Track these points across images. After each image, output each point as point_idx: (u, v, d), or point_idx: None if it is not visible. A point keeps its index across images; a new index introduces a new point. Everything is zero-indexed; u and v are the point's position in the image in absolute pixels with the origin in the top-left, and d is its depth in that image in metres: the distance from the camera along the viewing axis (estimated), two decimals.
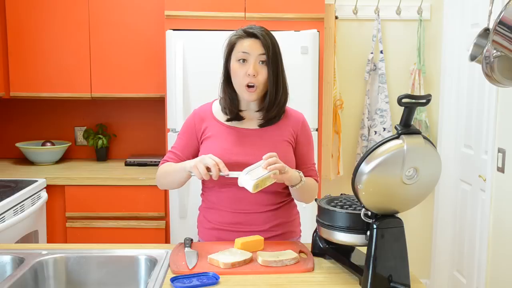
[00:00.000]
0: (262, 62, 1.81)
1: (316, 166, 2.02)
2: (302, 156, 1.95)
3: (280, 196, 1.91)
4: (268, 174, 1.67)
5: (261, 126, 1.89)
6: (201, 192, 2.00)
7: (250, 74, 1.79)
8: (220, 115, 1.93)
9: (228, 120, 1.90)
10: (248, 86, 1.81)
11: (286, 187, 1.91)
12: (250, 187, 1.65)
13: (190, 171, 1.77)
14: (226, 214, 1.89)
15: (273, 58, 1.82)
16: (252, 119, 1.91)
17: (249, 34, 1.82)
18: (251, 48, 1.80)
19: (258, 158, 1.81)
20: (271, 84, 1.83)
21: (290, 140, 1.92)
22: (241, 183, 1.68)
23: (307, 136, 1.97)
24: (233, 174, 1.71)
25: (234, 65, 1.83)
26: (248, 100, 1.86)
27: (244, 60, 1.81)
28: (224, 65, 1.88)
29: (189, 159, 1.92)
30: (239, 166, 1.80)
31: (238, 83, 1.83)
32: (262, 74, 1.82)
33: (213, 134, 1.91)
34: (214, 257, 1.63)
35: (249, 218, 1.87)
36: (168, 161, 1.95)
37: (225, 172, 1.71)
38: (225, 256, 1.65)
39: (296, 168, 1.93)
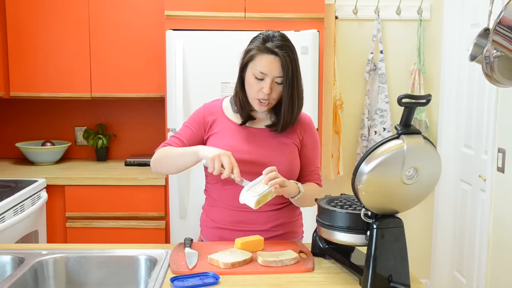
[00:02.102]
0: (278, 83, 1.80)
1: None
2: (306, 158, 1.95)
3: (282, 197, 1.90)
4: (269, 189, 1.68)
5: (268, 127, 1.89)
6: (204, 188, 2.01)
7: (264, 92, 1.79)
8: (230, 112, 1.93)
9: (242, 124, 1.90)
10: (260, 101, 1.81)
11: None
12: (252, 204, 1.66)
13: (203, 158, 1.74)
14: (228, 212, 1.89)
15: (290, 80, 1.79)
16: (262, 119, 1.92)
17: (270, 51, 1.77)
18: (269, 68, 1.77)
19: (261, 157, 1.83)
20: (286, 104, 1.82)
21: (296, 142, 1.92)
22: (242, 200, 1.69)
23: (313, 139, 1.98)
24: (241, 183, 1.72)
25: (249, 78, 1.81)
26: (259, 111, 1.87)
27: (261, 79, 1.80)
28: (239, 71, 1.86)
29: None
30: (245, 164, 1.81)
31: (251, 96, 1.83)
32: (277, 92, 1.81)
33: (220, 131, 1.91)
34: (214, 257, 1.64)
35: (251, 217, 1.87)
36: (171, 145, 1.91)
37: (238, 178, 1.70)
38: (225, 256, 1.65)
39: (300, 171, 1.94)
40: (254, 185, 1.70)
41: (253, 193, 1.67)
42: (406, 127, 1.43)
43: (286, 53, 1.78)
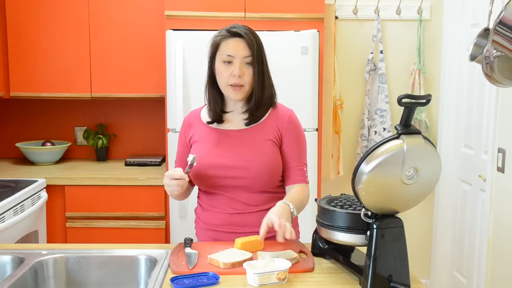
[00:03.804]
0: (248, 63, 1.81)
1: (308, 165, 1.95)
2: (288, 153, 1.89)
3: (272, 196, 1.89)
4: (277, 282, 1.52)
5: (247, 124, 1.88)
6: (197, 194, 2.02)
7: (235, 75, 1.79)
8: (207, 119, 1.93)
9: (209, 123, 1.90)
10: (233, 86, 1.81)
11: (277, 187, 1.90)
12: (251, 284, 1.51)
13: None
14: (221, 215, 1.89)
15: (258, 58, 1.82)
16: (236, 120, 1.90)
17: (233, 34, 1.82)
18: (236, 49, 1.80)
19: (240, 159, 1.83)
20: (257, 83, 1.83)
21: (275, 139, 1.88)
22: (248, 273, 1.52)
23: (294, 132, 1.90)
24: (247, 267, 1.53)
25: (219, 66, 1.83)
26: (234, 99, 1.85)
27: (229, 62, 1.81)
28: (208, 66, 1.88)
29: None
30: (221, 168, 1.83)
31: (223, 83, 1.83)
32: (248, 75, 1.82)
33: (199, 138, 1.91)
34: (214, 257, 1.64)
35: (244, 219, 1.87)
36: None
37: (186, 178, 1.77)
38: (225, 256, 1.65)
39: (284, 167, 1.89)
40: (266, 273, 1.50)
41: (261, 280, 1.49)
42: (406, 127, 1.43)
43: (251, 34, 1.83)
